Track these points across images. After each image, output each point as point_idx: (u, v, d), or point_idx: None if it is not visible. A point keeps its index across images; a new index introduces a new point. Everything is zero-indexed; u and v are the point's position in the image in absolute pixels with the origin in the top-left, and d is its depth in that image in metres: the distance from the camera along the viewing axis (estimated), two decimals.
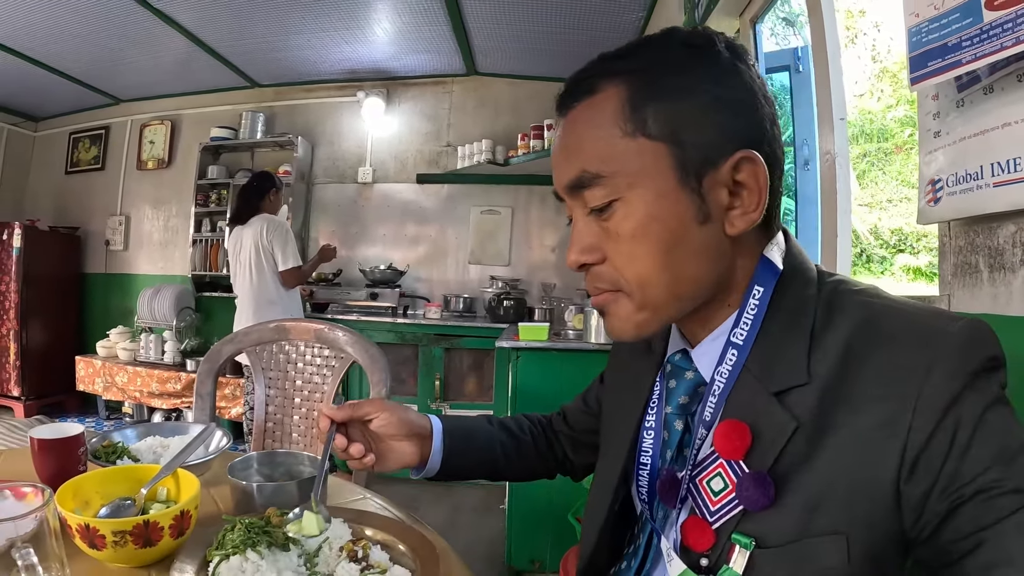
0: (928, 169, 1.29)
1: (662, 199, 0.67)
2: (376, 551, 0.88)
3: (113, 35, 4.46)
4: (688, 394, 0.77)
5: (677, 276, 0.69)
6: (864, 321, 0.65)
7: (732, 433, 0.67)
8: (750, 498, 0.64)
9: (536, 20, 4.12)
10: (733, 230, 0.69)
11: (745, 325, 0.70)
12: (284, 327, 1.94)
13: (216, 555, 0.81)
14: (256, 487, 1.00)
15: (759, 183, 0.68)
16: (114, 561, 0.85)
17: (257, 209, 3.83)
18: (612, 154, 0.68)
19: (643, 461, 0.81)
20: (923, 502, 0.59)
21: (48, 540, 0.67)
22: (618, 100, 0.68)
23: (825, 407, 0.64)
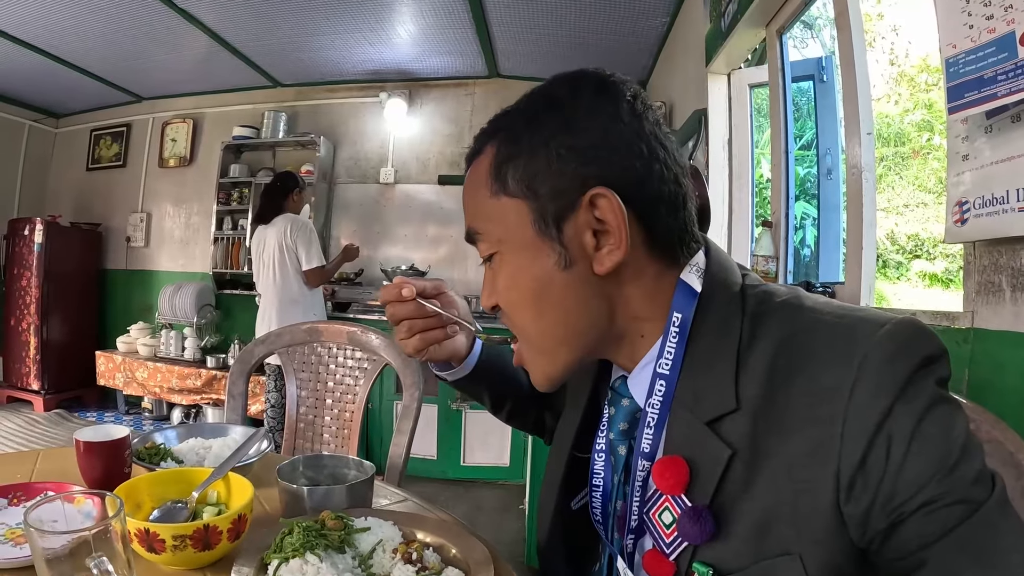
0: (956, 190, 1.32)
1: (524, 251, 0.71)
2: (429, 553, 0.88)
3: (136, 34, 4.49)
4: (627, 420, 0.77)
5: (552, 322, 0.72)
6: (786, 338, 0.65)
7: (667, 471, 0.67)
8: (690, 534, 0.65)
9: (559, 24, 4.11)
10: (601, 269, 0.69)
11: (669, 355, 0.70)
12: (317, 329, 1.94)
13: (275, 558, 0.81)
14: (307, 491, 1.00)
15: (616, 219, 0.67)
16: (172, 564, 0.84)
17: (281, 208, 3.85)
18: (484, 213, 0.74)
19: (595, 483, 0.81)
20: (865, 519, 0.58)
21: (116, 545, 0.67)
22: (488, 162, 0.73)
23: (757, 433, 0.63)
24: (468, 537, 0.95)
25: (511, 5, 3.92)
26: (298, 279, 3.79)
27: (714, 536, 0.64)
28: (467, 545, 0.92)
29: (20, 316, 5.47)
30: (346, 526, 0.89)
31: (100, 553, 0.62)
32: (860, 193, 1.91)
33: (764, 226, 2.52)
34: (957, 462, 0.57)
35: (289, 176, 4.00)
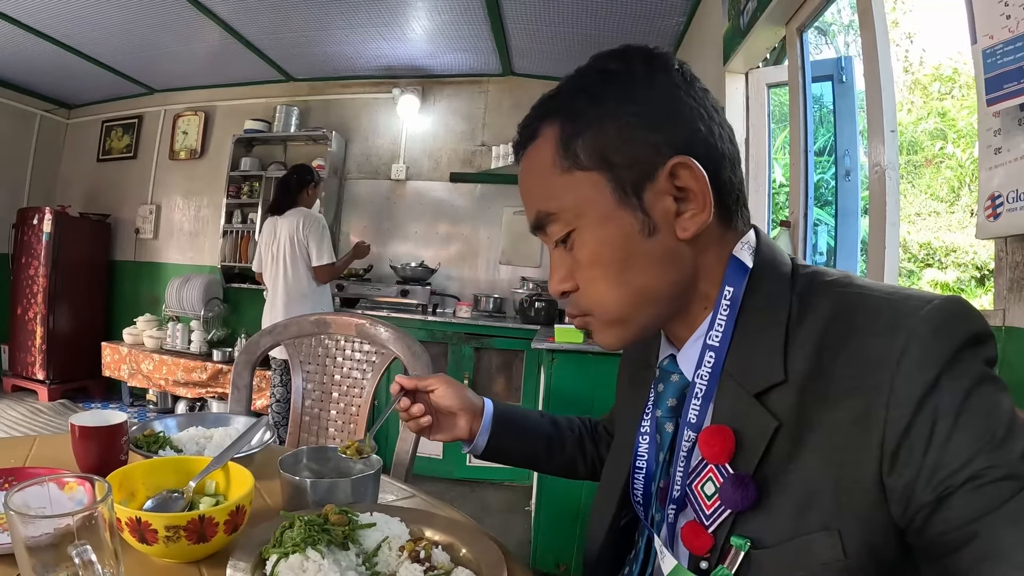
0: (988, 185, 1.29)
1: (606, 222, 0.71)
2: (438, 552, 0.83)
3: (150, 24, 4.45)
4: (676, 397, 0.78)
5: (635, 290, 0.73)
6: (836, 313, 0.66)
7: (714, 439, 0.68)
8: (731, 500, 0.65)
9: (575, 22, 4.06)
10: (686, 234, 0.71)
11: (719, 327, 0.72)
12: (325, 321, 1.90)
13: (274, 553, 0.76)
14: (310, 484, 0.95)
15: (699, 184, 0.70)
16: (164, 556, 0.80)
17: (295, 202, 3.82)
18: (556, 192, 0.73)
19: (639, 466, 0.83)
20: (908, 493, 0.58)
21: (103, 534, 0.62)
22: (553, 141, 0.73)
23: (804, 404, 0.64)
24: (480, 536, 0.90)
25: (527, 3, 3.87)
26: (308, 274, 3.75)
27: (755, 506, 0.65)
28: (478, 545, 0.88)
29: (27, 305, 5.45)
30: (350, 521, 0.85)
31: (84, 541, 0.57)
32: (883, 192, 1.86)
33: (782, 226, 2.46)
34: (1004, 438, 0.56)
35: (305, 170, 3.95)
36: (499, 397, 4.25)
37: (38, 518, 0.58)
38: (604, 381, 2.73)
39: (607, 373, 2.73)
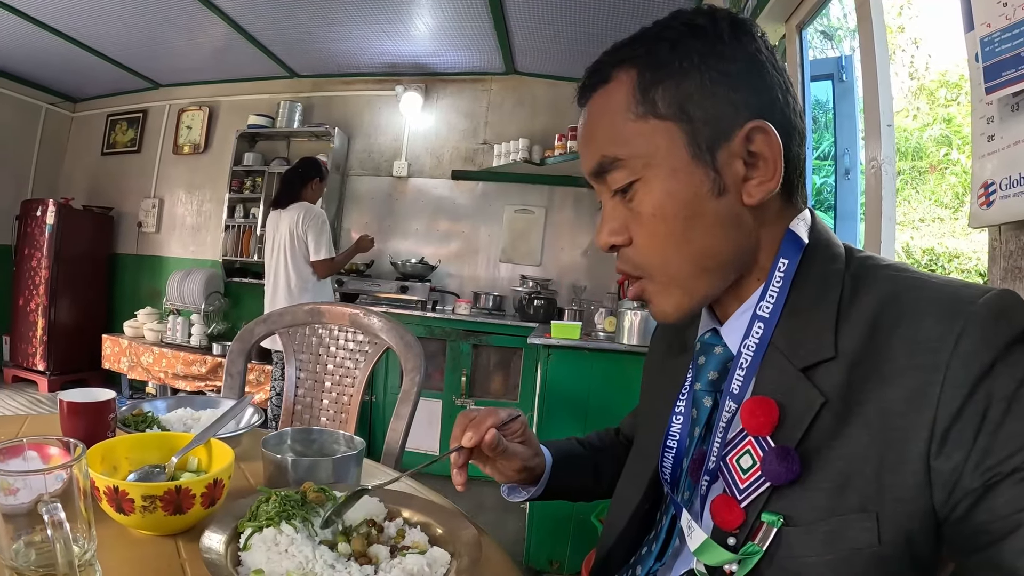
0: (981, 172, 1.29)
1: (677, 175, 0.69)
2: (414, 531, 0.83)
3: (155, 19, 4.47)
4: (717, 369, 0.77)
5: (698, 250, 0.71)
6: (891, 295, 0.64)
7: (759, 409, 0.66)
8: (774, 472, 0.63)
9: (578, 21, 4.06)
10: (751, 200, 0.70)
11: (771, 298, 0.70)
12: (319, 310, 1.91)
13: (249, 526, 0.77)
14: (291, 461, 0.95)
15: (773, 152, 0.69)
16: (141, 527, 0.80)
17: (298, 196, 3.82)
18: (627, 137, 0.71)
19: (669, 444, 0.81)
20: (955, 478, 0.57)
21: (76, 500, 0.63)
22: (629, 85, 0.71)
23: (853, 382, 0.63)
24: (457, 517, 0.90)
25: (531, 1, 3.88)
26: (307, 268, 3.77)
27: (796, 481, 0.63)
28: (454, 525, 0.88)
29: (29, 296, 5.47)
30: (329, 499, 0.85)
31: (55, 500, 0.57)
32: (880, 187, 1.86)
33: None
34: None
35: (311, 164, 3.94)
36: (496, 394, 4.29)
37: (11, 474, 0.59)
38: (600, 378, 2.73)
39: (603, 369, 2.73)
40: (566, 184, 4.96)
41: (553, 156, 4.59)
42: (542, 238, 5.04)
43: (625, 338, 2.79)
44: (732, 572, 0.66)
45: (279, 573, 0.69)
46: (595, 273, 4.88)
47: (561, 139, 4.56)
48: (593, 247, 4.93)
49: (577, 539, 2.71)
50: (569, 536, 2.75)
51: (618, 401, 2.68)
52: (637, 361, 2.72)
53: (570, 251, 5.01)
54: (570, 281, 4.87)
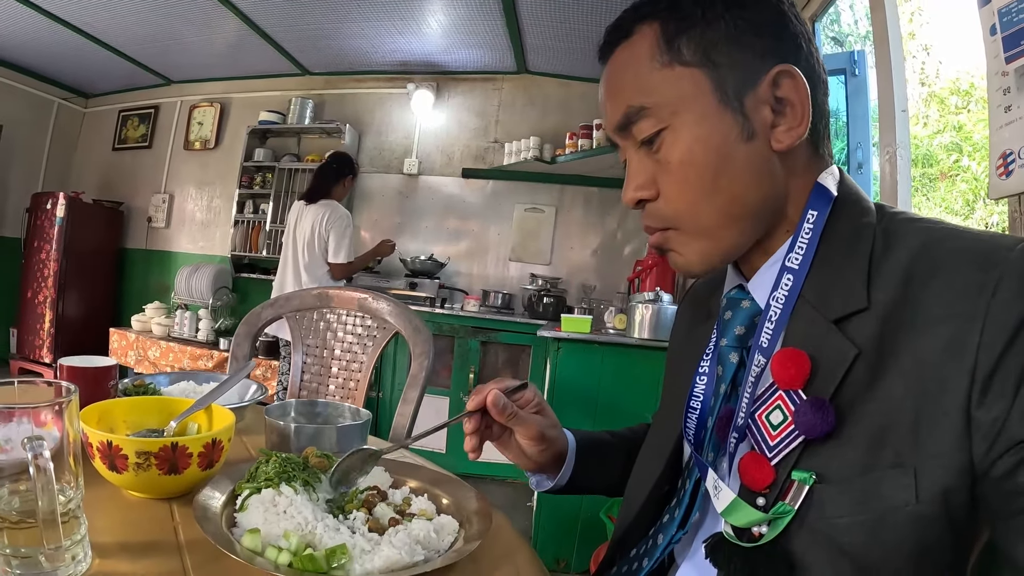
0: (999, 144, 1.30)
1: (705, 121, 0.68)
2: (422, 500, 0.80)
3: (169, 13, 4.47)
4: (744, 324, 0.75)
5: (728, 197, 0.69)
6: (924, 245, 0.62)
7: (790, 361, 0.64)
8: (808, 423, 0.60)
9: (590, 20, 4.04)
10: (780, 146, 0.69)
11: (800, 250, 0.69)
12: (327, 295, 1.88)
13: (247, 487, 0.73)
14: (294, 428, 0.92)
15: (800, 96, 0.68)
16: (134, 488, 0.77)
17: (329, 191, 3.83)
18: (653, 86, 0.70)
19: (692, 405, 0.79)
20: (996, 430, 0.54)
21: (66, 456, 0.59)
22: (652, 37, 0.70)
23: (886, 333, 0.60)
24: (464, 488, 0.87)
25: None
26: (323, 267, 3.78)
27: (828, 436, 0.60)
28: (462, 495, 0.85)
29: (37, 289, 5.47)
30: (331, 464, 0.81)
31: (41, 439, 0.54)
32: (895, 172, 1.85)
33: None
34: None
35: (346, 160, 3.96)
36: None
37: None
38: (610, 372, 2.69)
39: (613, 364, 2.70)
40: (576, 183, 4.93)
41: (564, 155, 4.56)
42: (552, 237, 5.01)
43: (636, 331, 2.75)
44: (761, 534, 0.62)
45: (276, 533, 0.66)
46: (605, 273, 4.84)
47: (572, 138, 4.52)
48: (603, 247, 4.90)
49: (585, 537, 2.67)
50: (577, 534, 2.71)
51: (628, 396, 2.64)
52: (648, 355, 2.68)
53: (580, 250, 4.98)
54: (580, 280, 4.82)
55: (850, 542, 0.58)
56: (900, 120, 1.86)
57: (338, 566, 0.62)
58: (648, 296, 2.78)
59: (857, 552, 0.58)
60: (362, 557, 0.63)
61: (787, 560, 0.61)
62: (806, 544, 0.60)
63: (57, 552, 0.56)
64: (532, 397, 0.94)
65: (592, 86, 4.86)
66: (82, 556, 0.60)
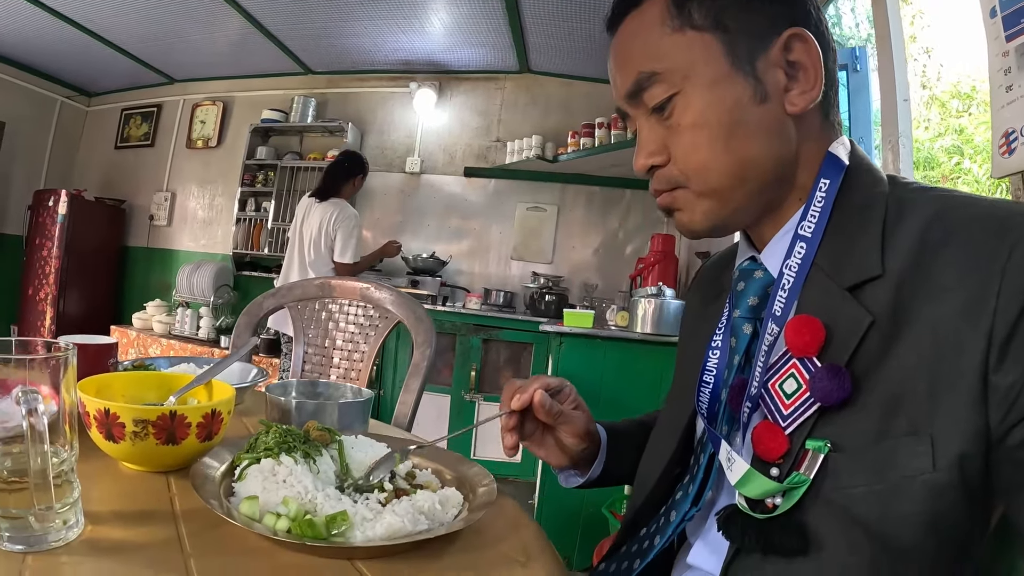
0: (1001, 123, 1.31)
1: (717, 84, 0.68)
2: (425, 473, 0.78)
3: (172, 11, 4.47)
4: (757, 295, 0.74)
5: (740, 158, 0.69)
6: (938, 213, 0.62)
7: (804, 328, 0.63)
8: (825, 390, 0.60)
9: (593, 18, 4.02)
10: (794, 108, 0.69)
11: (812, 218, 0.68)
12: (329, 284, 1.86)
13: (246, 458, 0.71)
14: (295, 404, 0.90)
15: (813, 59, 0.68)
16: (131, 459, 0.75)
17: (339, 190, 3.83)
18: (663, 51, 0.70)
19: (705, 379, 0.78)
20: (1014, 396, 0.53)
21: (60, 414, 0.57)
22: (662, 3, 0.70)
23: (901, 300, 0.60)
24: (467, 464, 0.85)
25: None
26: (328, 266, 3.77)
27: (843, 404, 0.60)
28: (465, 469, 0.83)
29: (38, 286, 5.46)
30: (333, 439, 0.80)
31: (35, 390, 0.52)
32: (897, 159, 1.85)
33: None
34: None
35: (357, 159, 3.96)
36: None
37: None
38: (613, 366, 2.68)
39: (616, 358, 2.68)
40: (578, 182, 4.92)
41: (566, 154, 4.55)
42: (554, 236, 5.00)
43: (639, 326, 2.74)
44: (775, 505, 0.61)
45: (275, 501, 0.64)
46: (606, 271, 4.83)
47: (574, 136, 4.51)
48: (605, 246, 4.89)
49: (587, 534, 2.65)
50: (579, 530, 2.69)
51: (631, 391, 2.62)
52: (651, 350, 2.67)
53: (581, 249, 4.97)
54: (581, 279, 4.82)
55: (865, 512, 0.57)
56: (902, 109, 1.87)
57: (338, 533, 0.60)
58: (651, 291, 2.77)
59: (872, 522, 0.57)
60: (363, 524, 0.62)
61: (801, 531, 0.60)
62: (820, 515, 0.59)
63: (48, 513, 0.54)
64: (569, 393, 0.94)
65: (594, 86, 4.88)
66: (74, 521, 0.58)
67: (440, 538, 0.64)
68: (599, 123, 4.32)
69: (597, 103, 4.71)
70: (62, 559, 0.55)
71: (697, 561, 0.75)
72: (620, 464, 0.98)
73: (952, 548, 0.57)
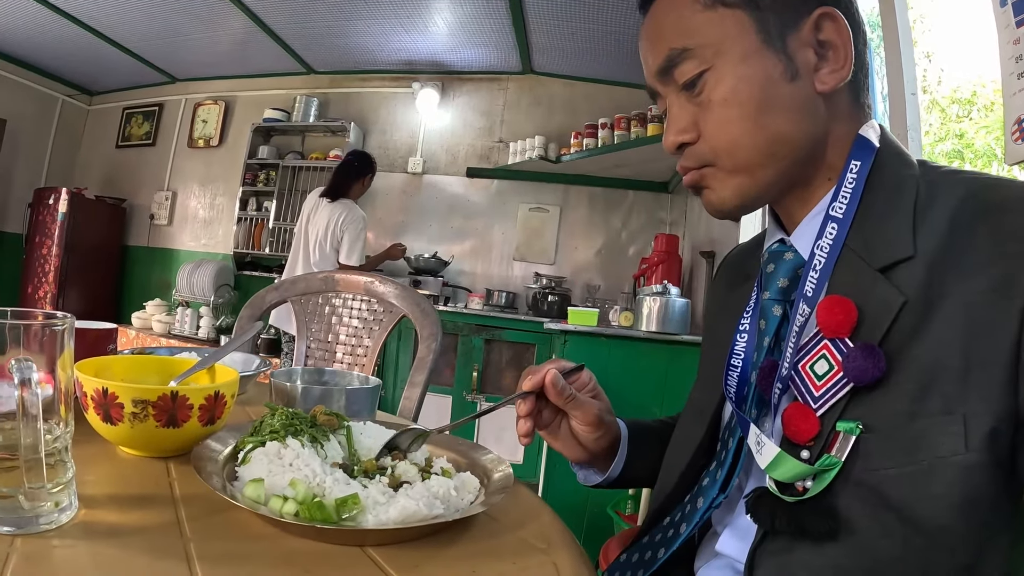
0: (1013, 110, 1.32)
1: (749, 60, 0.68)
2: (441, 460, 0.75)
3: (175, 9, 4.46)
4: (788, 276, 0.73)
5: (771, 135, 0.69)
6: (971, 193, 0.62)
7: (837, 307, 0.62)
8: (859, 369, 0.59)
9: (596, 19, 4.01)
10: (824, 87, 0.69)
11: (844, 199, 0.68)
12: (333, 278, 1.84)
13: (250, 441, 0.68)
14: (302, 389, 0.87)
15: (843, 39, 0.68)
16: (130, 442, 0.72)
17: (348, 190, 3.83)
18: (695, 28, 0.70)
19: (733, 363, 0.76)
20: None
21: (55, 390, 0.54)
22: None
23: (933, 280, 0.60)
24: (482, 451, 0.82)
25: None
26: (334, 265, 3.76)
27: (876, 385, 0.59)
28: (480, 456, 0.80)
29: (37, 284, 5.43)
30: (341, 424, 0.76)
31: (30, 361, 0.49)
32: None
33: None
34: None
35: (367, 159, 3.96)
36: (508, 390, 4.18)
37: None
38: (618, 365, 2.64)
39: (621, 357, 2.65)
40: (581, 183, 4.90)
41: (569, 154, 4.52)
42: (556, 236, 4.97)
43: (644, 324, 2.71)
44: (806, 488, 0.60)
45: (281, 485, 0.61)
46: (609, 272, 4.80)
47: (577, 137, 4.48)
48: (607, 246, 4.87)
49: (591, 535, 2.61)
50: (583, 531, 2.65)
51: (636, 389, 2.59)
52: (657, 349, 2.64)
53: (584, 250, 4.94)
54: (584, 280, 4.80)
55: (897, 494, 0.57)
56: (911, 103, 1.85)
57: (349, 517, 0.57)
58: (656, 289, 2.74)
59: (904, 505, 0.56)
60: (376, 508, 0.58)
61: (832, 514, 0.59)
62: (851, 497, 0.59)
63: (39, 492, 0.51)
64: (587, 380, 0.91)
65: (597, 86, 4.88)
66: (67, 503, 0.55)
67: (456, 523, 0.60)
68: (602, 123, 4.29)
69: (600, 104, 4.69)
70: (54, 542, 0.51)
71: (724, 548, 0.73)
72: (639, 465, 0.95)
73: (983, 529, 0.56)
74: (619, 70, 4.60)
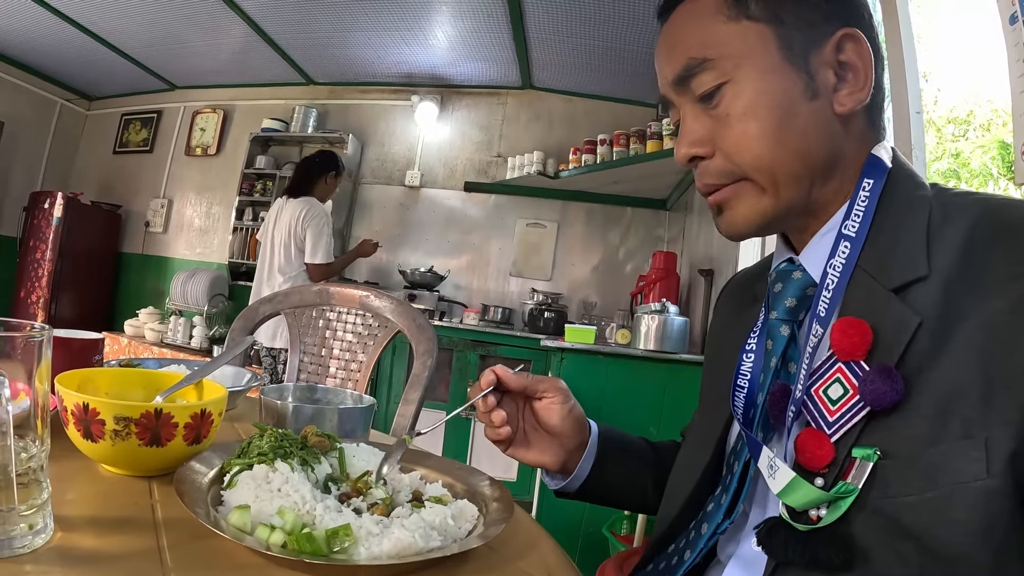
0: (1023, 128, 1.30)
1: (769, 75, 0.67)
2: (435, 487, 0.72)
3: (176, 16, 4.45)
4: (796, 296, 0.71)
5: (791, 152, 0.67)
6: (986, 212, 0.61)
7: (852, 329, 0.60)
8: (877, 392, 0.56)
9: (597, 35, 4.01)
10: (842, 109, 0.67)
11: (856, 217, 0.66)
12: (328, 291, 1.81)
13: (237, 463, 0.65)
14: (293, 408, 0.84)
15: (863, 61, 0.67)
16: (111, 460, 0.69)
17: (309, 188, 3.61)
18: (717, 39, 0.69)
19: (740, 384, 0.74)
20: None
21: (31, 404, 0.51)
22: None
23: (949, 299, 0.58)
24: (478, 475, 0.79)
25: (551, 12, 3.83)
26: (300, 268, 3.55)
27: (893, 409, 0.56)
28: (477, 481, 0.77)
29: (31, 288, 5.39)
30: (333, 446, 0.73)
31: (2, 372, 0.46)
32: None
33: None
34: None
35: (329, 156, 3.75)
36: None
37: None
38: (615, 384, 2.62)
39: (618, 375, 2.62)
40: (579, 199, 4.89)
41: (567, 170, 4.51)
42: (554, 252, 4.96)
43: (642, 343, 2.68)
44: (819, 517, 0.58)
45: (269, 512, 0.58)
46: (606, 289, 4.79)
47: (576, 153, 4.47)
48: (604, 263, 4.85)
49: (586, 556, 2.57)
50: (577, 552, 2.61)
51: (633, 408, 2.57)
52: (654, 367, 2.61)
53: (581, 266, 4.93)
54: (581, 297, 4.78)
55: (915, 522, 0.54)
56: (915, 122, 1.84)
57: (340, 549, 0.54)
58: (655, 307, 2.72)
59: (923, 532, 0.54)
60: (368, 540, 0.55)
61: (848, 544, 0.56)
62: (867, 526, 0.56)
63: (11, 515, 0.48)
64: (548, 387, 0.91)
65: (597, 103, 4.89)
66: (42, 526, 0.52)
67: (452, 556, 0.57)
68: (601, 139, 4.28)
69: (599, 120, 4.69)
70: (27, 567, 0.48)
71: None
72: (611, 474, 0.94)
73: (1004, 556, 0.53)
74: (619, 87, 4.61)
